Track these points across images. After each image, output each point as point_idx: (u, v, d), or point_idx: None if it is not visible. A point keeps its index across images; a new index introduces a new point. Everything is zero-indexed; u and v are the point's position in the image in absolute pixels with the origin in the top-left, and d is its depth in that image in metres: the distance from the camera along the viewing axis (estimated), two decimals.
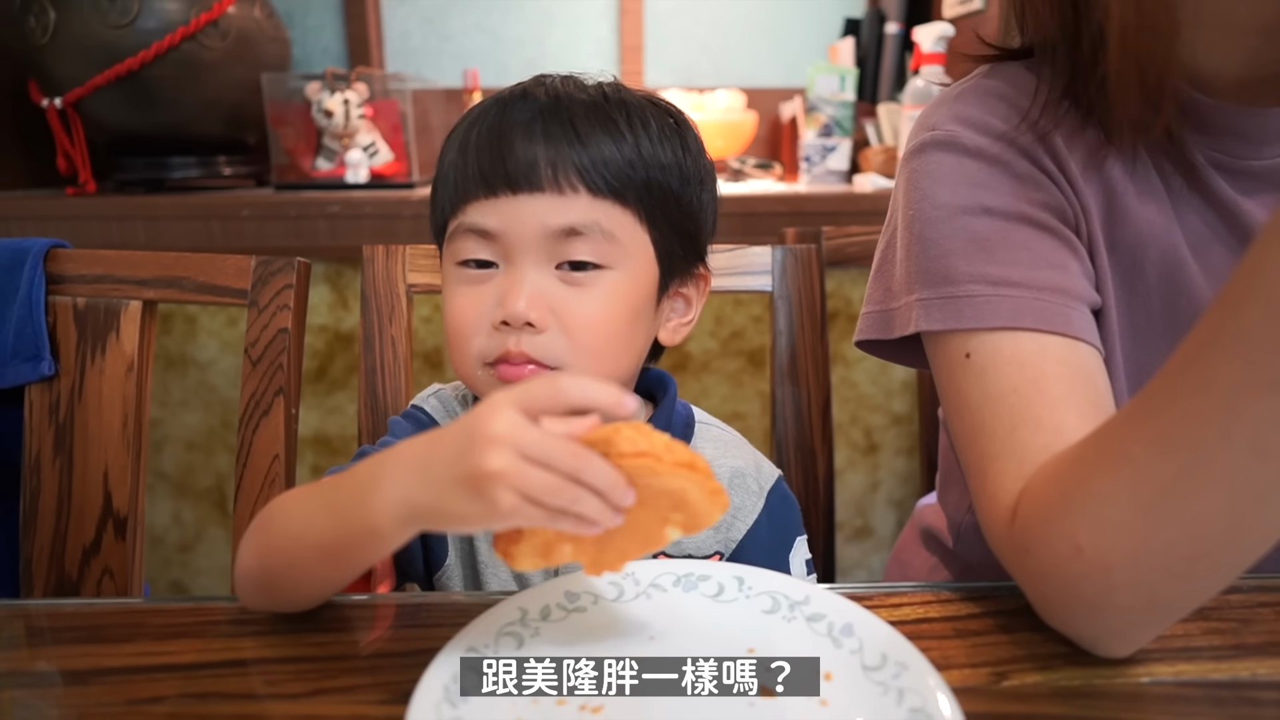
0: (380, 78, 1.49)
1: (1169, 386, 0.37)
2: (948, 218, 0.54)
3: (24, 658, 0.47)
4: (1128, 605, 0.41)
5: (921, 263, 0.55)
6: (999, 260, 0.52)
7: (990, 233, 0.53)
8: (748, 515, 0.59)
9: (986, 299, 0.51)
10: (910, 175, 0.58)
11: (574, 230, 0.51)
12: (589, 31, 1.71)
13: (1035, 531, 0.44)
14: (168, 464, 1.45)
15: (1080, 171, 0.55)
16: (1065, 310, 0.51)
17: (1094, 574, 0.41)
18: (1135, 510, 0.39)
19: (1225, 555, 0.38)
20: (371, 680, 0.43)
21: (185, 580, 1.51)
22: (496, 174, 0.51)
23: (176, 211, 1.29)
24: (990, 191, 0.54)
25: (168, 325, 1.38)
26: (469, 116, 0.55)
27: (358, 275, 1.31)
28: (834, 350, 1.38)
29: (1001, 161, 0.54)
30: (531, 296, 0.51)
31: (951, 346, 0.53)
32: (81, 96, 1.29)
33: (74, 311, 0.79)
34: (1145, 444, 0.38)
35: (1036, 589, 0.46)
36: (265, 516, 0.47)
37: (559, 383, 0.37)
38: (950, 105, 0.58)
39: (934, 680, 0.39)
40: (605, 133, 0.51)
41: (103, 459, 0.79)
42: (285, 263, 0.78)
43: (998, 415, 0.49)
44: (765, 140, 1.72)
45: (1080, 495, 0.41)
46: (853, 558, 1.52)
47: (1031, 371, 0.49)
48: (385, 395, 0.80)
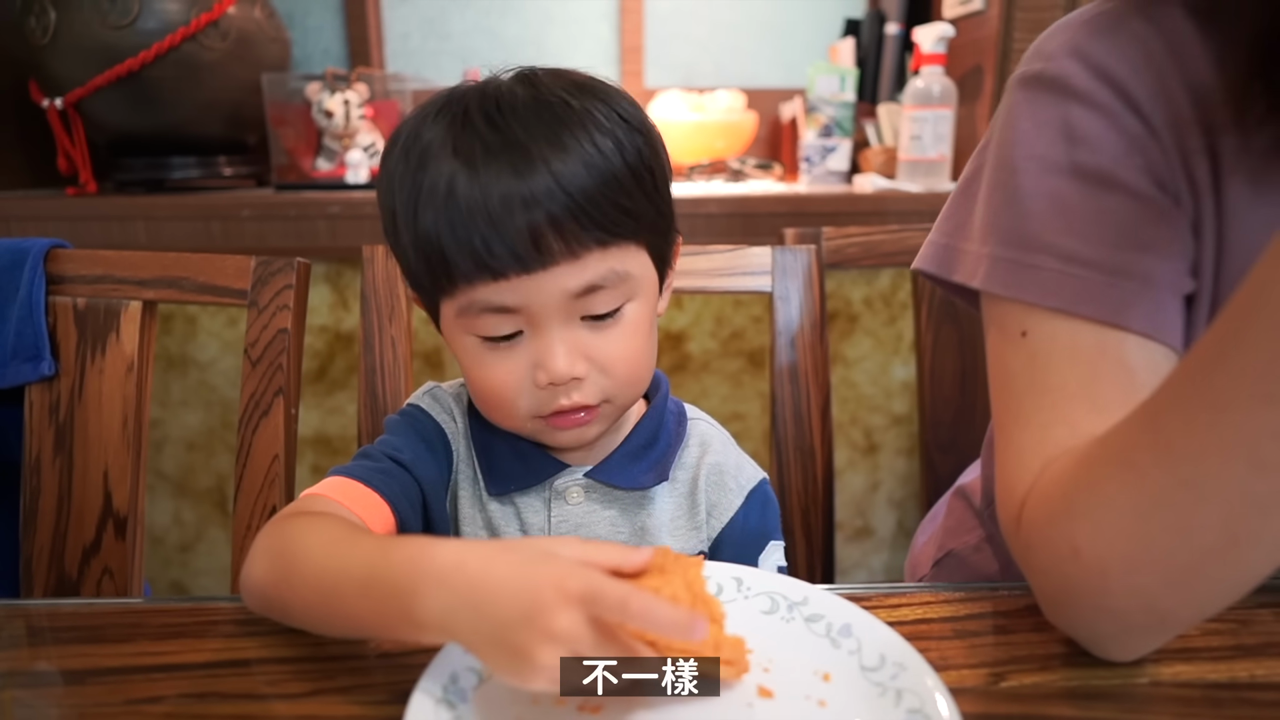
0: (380, 78, 1.49)
1: (1173, 395, 0.37)
2: (1036, 172, 0.49)
3: (24, 657, 0.47)
4: (1124, 610, 0.41)
5: (1000, 215, 0.51)
6: (1078, 232, 0.47)
7: (1077, 198, 0.48)
8: (724, 512, 0.60)
9: (1054, 274, 0.47)
10: (1011, 108, 0.52)
11: (594, 287, 0.49)
12: (589, 31, 1.71)
13: (1038, 530, 0.44)
14: (168, 464, 1.45)
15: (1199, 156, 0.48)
16: (1140, 301, 0.46)
17: (1091, 577, 0.41)
18: (1134, 516, 0.39)
19: (1223, 569, 0.38)
20: (370, 680, 0.43)
21: (185, 580, 1.51)
22: (505, 262, 0.47)
23: (177, 212, 1.29)
24: (1089, 149, 0.48)
25: (168, 325, 1.38)
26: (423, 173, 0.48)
27: (358, 275, 1.31)
28: (834, 351, 1.38)
29: (1110, 112, 0.48)
30: (568, 355, 0.50)
31: (1010, 317, 0.50)
32: (82, 97, 1.29)
33: (74, 312, 0.79)
34: (1147, 451, 0.38)
35: (1038, 585, 0.46)
36: (282, 540, 0.45)
37: (631, 606, 0.35)
38: (1075, 32, 0.50)
39: (932, 681, 0.39)
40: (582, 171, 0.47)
41: (103, 459, 0.79)
42: (285, 263, 0.78)
43: (1038, 409, 0.47)
44: (765, 141, 1.72)
45: (1082, 498, 0.41)
46: (852, 558, 1.52)
47: (1085, 369, 0.46)
48: (385, 395, 0.80)
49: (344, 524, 0.47)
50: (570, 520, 0.58)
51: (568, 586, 0.35)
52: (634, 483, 0.57)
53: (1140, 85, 0.48)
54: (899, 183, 1.34)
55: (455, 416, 0.60)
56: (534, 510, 0.58)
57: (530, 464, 0.58)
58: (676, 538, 0.59)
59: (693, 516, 0.59)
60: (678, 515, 0.59)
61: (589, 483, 0.58)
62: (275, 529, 0.47)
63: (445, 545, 0.38)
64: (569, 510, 0.58)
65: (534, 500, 0.58)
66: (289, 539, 0.45)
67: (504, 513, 0.58)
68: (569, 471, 0.58)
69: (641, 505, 0.58)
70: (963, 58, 1.38)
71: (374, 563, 0.40)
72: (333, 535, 0.45)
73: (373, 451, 0.56)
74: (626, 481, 0.57)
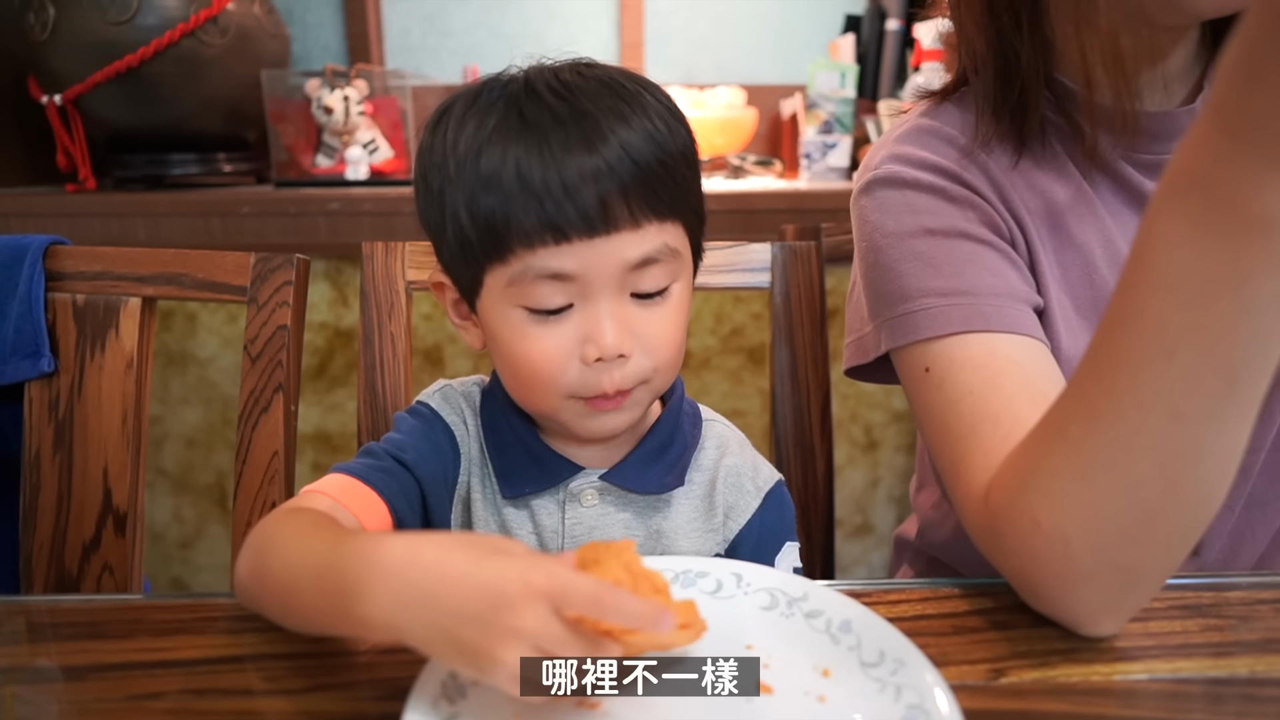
0: (380, 74, 1.49)
1: (1090, 364, 0.41)
2: (895, 243, 0.60)
3: (24, 653, 0.47)
4: (1091, 572, 0.43)
5: (879, 287, 0.60)
6: (945, 274, 0.57)
7: (934, 251, 0.58)
8: (741, 514, 0.59)
9: (940, 309, 0.56)
10: (861, 212, 0.63)
11: (649, 259, 0.50)
12: (589, 27, 1.71)
13: (1001, 513, 0.47)
14: (168, 461, 1.45)
15: (1015, 190, 0.60)
16: (1010, 311, 0.56)
17: (1054, 545, 0.43)
18: (1080, 482, 0.42)
19: (1172, 516, 0.41)
20: (370, 676, 0.43)
21: (186, 577, 1.51)
22: (572, 222, 0.47)
23: (176, 208, 1.29)
24: (930, 215, 0.59)
25: (168, 322, 1.38)
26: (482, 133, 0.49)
27: (357, 272, 1.31)
28: (833, 347, 1.38)
29: (937, 189, 0.60)
30: (617, 329, 0.50)
31: (913, 361, 0.58)
32: (81, 93, 1.29)
33: (73, 308, 0.79)
34: (1077, 421, 0.42)
35: (1011, 569, 0.48)
36: (262, 537, 0.45)
37: (604, 600, 0.35)
38: (890, 146, 0.64)
39: (932, 677, 0.39)
40: (645, 143, 0.48)
41: (102, 455, 0.79)
42: (284, 259, 0.78)
43: (960, 417, 0.53)
44: (765, 137, 1.72)
45: (1032, 473, 0.45)
46: (852, 554, 1.52)
47: (984, 372, 0.53)
48: (385, 392, 0.80)
49: (316, 518, 0.46)
50: (584, 523, 0.57)
51: (533, 581, 0.35)
52: (649, 487, 0.57)
53: (952, 163, 0.60)
54: None
55: (466, 418, 0.59)
56: (548, 513, 0.57)
57: (545, 466, 0.57)
58: (692, 540, 0.58)
59: (709, 519, 0.59)
60: (694, 518, 0.58)
61: (604, 485, 0.57)
62: (261, 526, 0.46)
63: (398, 539, 0.38)
64: (583, 513, 0.57)
65: (548, 503, 0.57)
66: (266, 535, 0.45)
67: (518, 516, 0.57)
68: (584, 474, 0.57)
69: (657, 508, 0.58)
70: None
71: (326, 556, 0.40)
72: (300, 529, 0.44)
73: (376, 449, 0.56)
74: (641, 485, 0.57)
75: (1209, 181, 0.34)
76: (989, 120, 0.60)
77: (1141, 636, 0.46)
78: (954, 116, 0.63)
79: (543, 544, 0.57)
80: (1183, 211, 0.35)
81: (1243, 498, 0.62)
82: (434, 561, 0.36)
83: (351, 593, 0.37)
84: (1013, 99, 0.59)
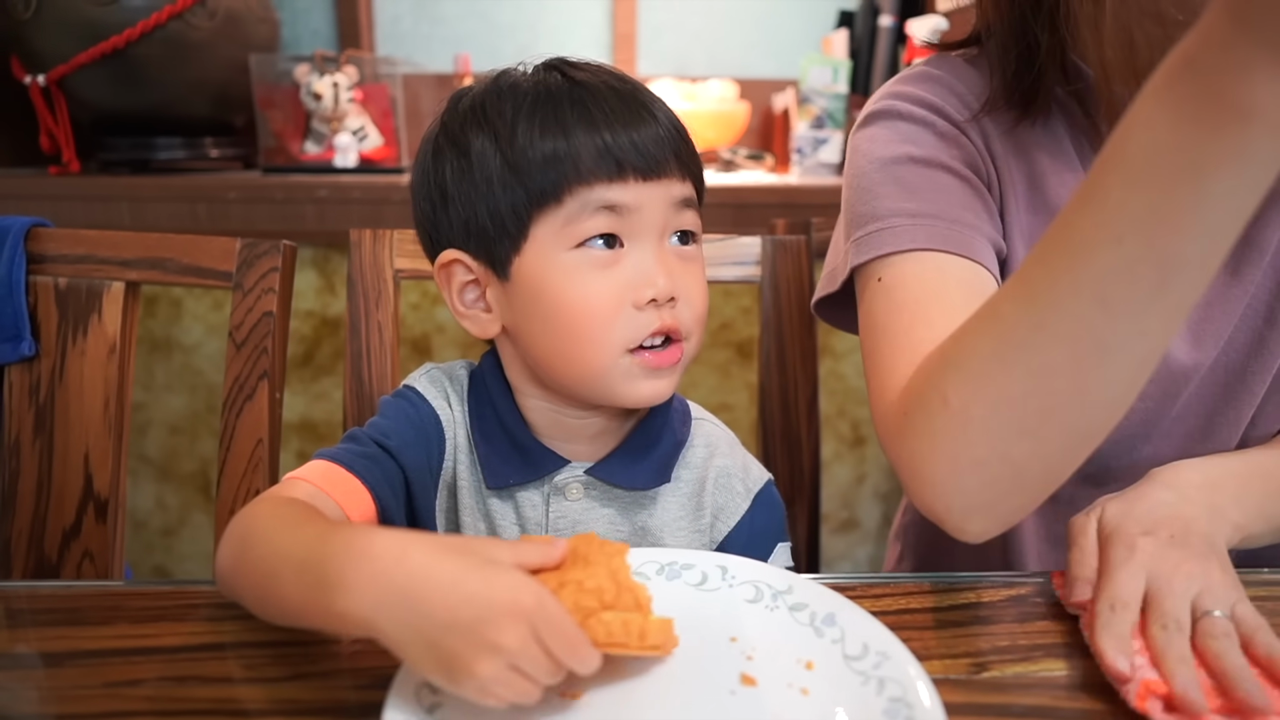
0: (370, 61, 1.48)
1: (1041, 247, 0.41)
2: (879, 168, 0.62)
3: (2, 640, 0.46)
4: (982, 460, 0.44)
5: (856, 209, 0.62)
6: (917, 198, 0.59)
7: (913, 177, 0.60)
8: (731, 516, 0.59)
9: (905, 228, 0.58)
10: (854, 143, 0.66)
11: (689, 200, 0.54)
12: (582, 18, 1.70)
13: (914, 393, 0.49)
14: (151, 448, 1.44)
15: (1001, 145, 0.62)
16: (971, 239, 0.57)
17: (955, 424, 0.44)
18: (995, 360, 0.43)
19: (1070, 413, 0.42)
20: (351, 665, 0.43)
21: (168, 565, 1.50)
22: (629, 160, 0.51)
23: (161, 193, 1.28)
24: (915, 145, 0.61)
25: (153, 308, 1.37)
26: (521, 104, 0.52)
27: (345, 260, 1.30)
28: (822, 342, 1.38)
29: (927, 122, 0.62)
30: (671, 270, 0.52)
31: (870, 274, 0.59)
32: (65, 74, 1.27)
33: (55, 292, 0.78)
34: (1010, 300, 0.43)
35: (906, 454, 0.48)
36: (243, 525, 0.45)
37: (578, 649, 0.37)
38: (891, 86, 0.66)
39: (914, 670, 0.39)
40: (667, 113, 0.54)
41: (84, 441, 0.78)
42: (271, 245, 0.77)
43: (898, 321, 0.55)
44: (757, 131, 1.72)
45: (954, 351, 0.46)
46: (838, 549, 1.53)
47: (932, 285, 0.56)
48: (371, 381, 0.80)
49: (301, 509, 0.45)
50: (569, 516, 0.57)
51: (521, 602, 0.35)
52: (634, 482, 0.56)
53: (946, 104, 0.63)
54: None
55: (453, 403, 0.59)
56: (532, 505, 0.57)
57: (531, 458, 0.57)
58: (678, 539, 0.58)
59: (696, 519, 0.58)
60: (680, 516, 0.58)
61: (589, 480, 0.57)
62: (243, 514, 0.46)
63: (386, 535, 0.38)
64: (567, 506, 0.57)
65: (533, 495, 0.57)
66: (248, 524, 0.45)
67: (502, 506, 0.57)
68: (570, 468, 0.57)
69: (642, 505, 0.58)
70: None
71: (311, 548, 0.39)
72: (284, 519, 0.44)
73: (360, 435, 0.55)
74: (626, 481, 0.56)
75: (1201, 68, 0.34)
76: (998, 90, 0.62)
77: None
78: (962, 71, 0.65)
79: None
80: (1170, 98, 0.35)
81: None
82: (422, 564, 0.36)
83: (333, 586, 0.37)
84: (1027, 79, 0.60)
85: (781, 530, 0.62)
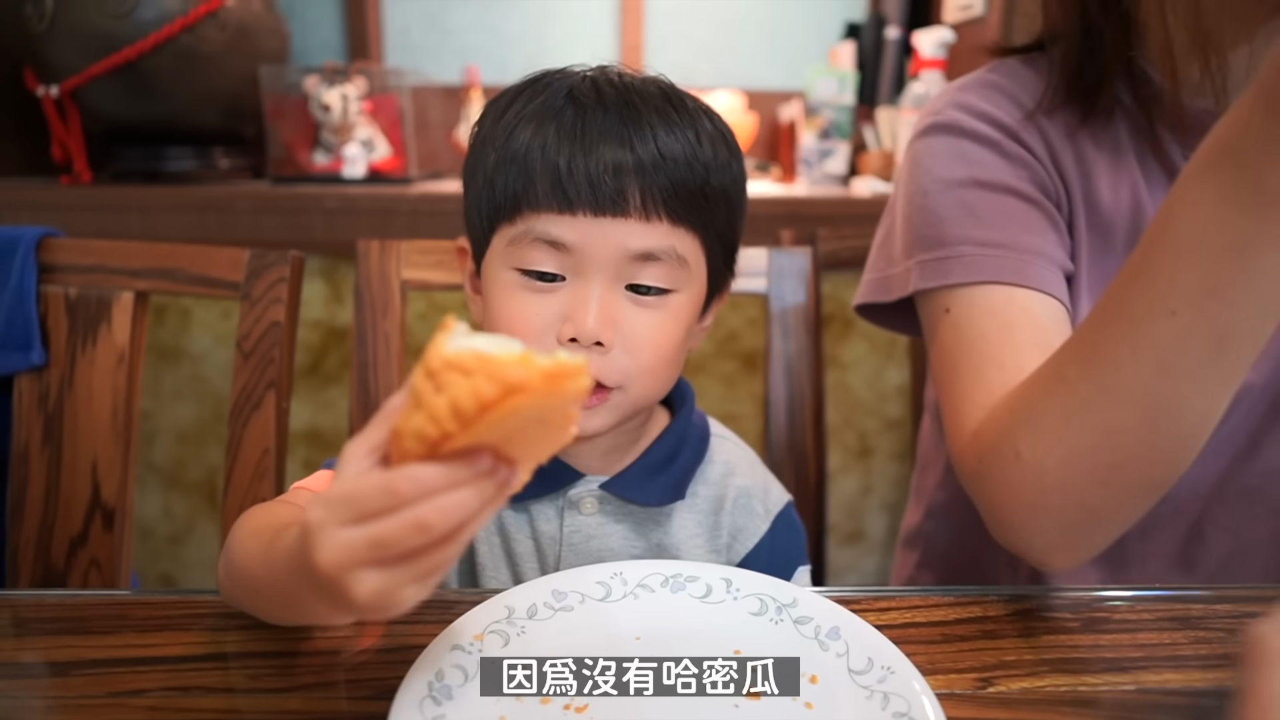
0: (379, 72, 1.49)
1: (1097, 314, 0.44)
2: (944, 190, 0.61)
3: (8, 648, 0.47)
4: (1059, 507, 0.46)
5: (920, 230, 0.61)
6: (987, 225, 0.58)
7: (980, 202, 0.60)
8: (749, 537, 0.58)
9: (973, 257, 0.58)
10: (914, 155, 0.65)
11: (651, 255, 0.49)
12: (589, 29, 1.71)
13: (987, 442, 0.50)
14: (159, 456, 1.44)
15: (1064, 155, 0.61)
16: (1039, 269, 0.57)
17: (1030, 476, 0.47)
18: (1065, 421, 0.45)
19: (1142, 465, 0.44)
20: (355, 677, 0.43)
21: (175, 573, 1.50)
22: (582, 194, 0.48)
23: (172, 203, 1.28)
24: (983, 167, 0.61)
25: (162, 317, 1.38)
26: (533, 104, 0.50)
27: (352, 270, 1.31)
28: (828, 353, 1.38)
29: (993, 142, 0.61)
30: (602, 315, 0.49)
31: (936, 303, 0.60)
32: (78, 85, 1.28)
33: (65, 301, 0.79)
34: (1075, 364, 0.45)
35: (986, 498, 0.51)
36: (234, 536, 0.45)
37: (396, 487, 0.30)
38: (953, 94, 0.65)
39: (919, 685, 0.39)
40: (682, 150, 0.49)
41: (92, 450, 0.78)
42: (279, 256, 0.78)
43: (969, 358, 0.56)
44: (764, 142, 1.72)
45: (1023, 409, 0.48)
46: (844, 561, 1.52)
47: (1000, 320, 0.56)
48: (378, 391, 0.80)
49: (292, 508, 0.46)
50: (583, 531, 0.56)
51: (310, 519, 0.31)
52: (648, 498, 0.56)
53: (1011, 119, 0.61)
54: None
55: None
56: (546, 519, 0.57)
57: (545, 471, 0.55)
58: (694, 557, 0.57)
59: (714, 538, 0.58)
60: (696, 534, 0.58)
61: (603, 494, 0.56)
62: (234, 527, 0.46)
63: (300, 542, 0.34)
64: (582, 520, 0.56)
65: (547, 509, 0.57)
66: (235, 536, 0.45)
67: (517, 520, 0.57)
68: (584, 481, 0.56)
69: (658, 522, 0.57)
70: (962, 63, 1.38)
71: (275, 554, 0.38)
72: (278, 517, 0.44)
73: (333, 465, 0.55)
74: (641, 497, 0.56)
75: (1240, 154, 0.36)
76: (1061, 90, 0.60)
77: (1130, 648, 0.46)
78: (1022, 75, 0.64)
79: (540, 550, 0.57)
80: (1211, 181, 0.37)
81: None
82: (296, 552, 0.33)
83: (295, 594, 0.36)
84: (1089, 77, 0.59)
85: (802, 553, 0.61)
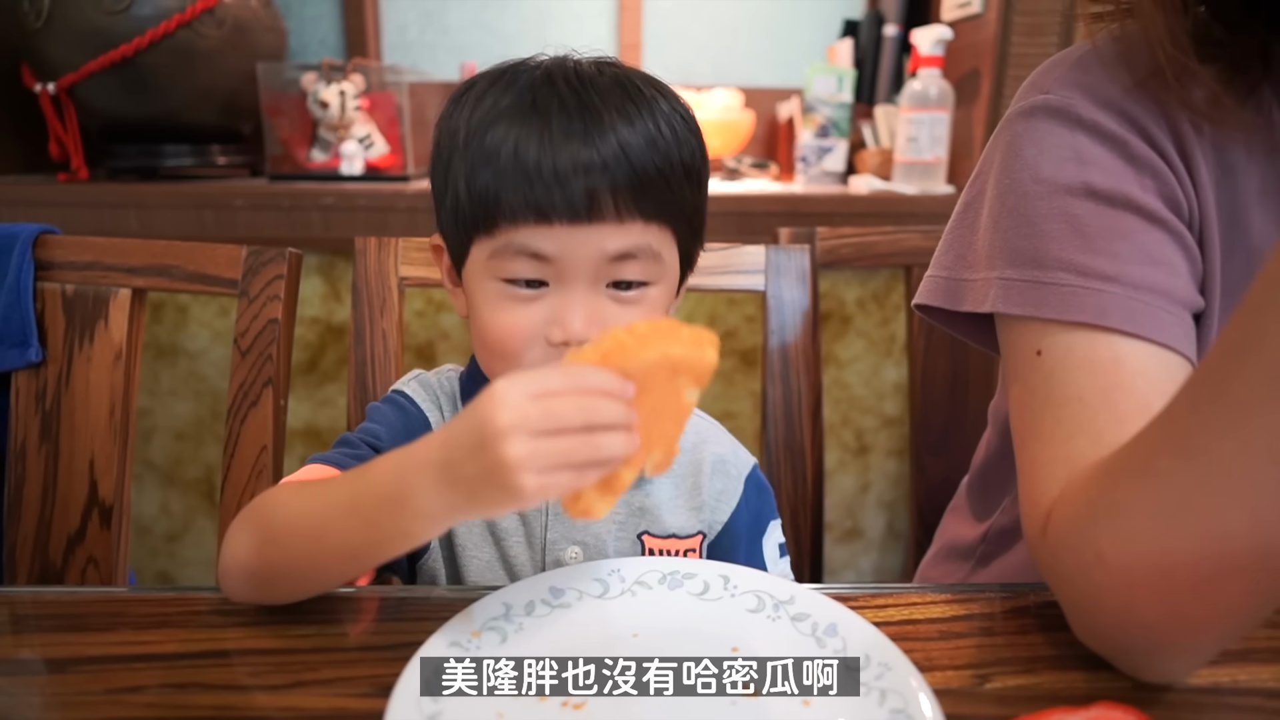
0: (377, 70, 1.48)
1: (1192, 395, 0.36)
2: (1048, 194, 0.50)
3: (5, 645, 0.47)
4: (1152, 621, 0.39)
5: (1010, 238, 0.51)
6: (1096, 249, 0.48)
7: (1092, 217, 0.48)
8: (730, 500, 0.61)
9: (1074, 290, 0.47)
10: (1013, 139, 0.53)
11: (629, 254, 0.51)
12: (587, 27, 1.70)
13: (1063, 537, 0.43)
14: (156, 454, 1.44)
15: (1206, 168, 0.49)
16: (1158, 313, 0.47)
17: (1116, 584, 0.39)
18: (1158, 521, 0.37)
19: (1254, 575, 0.36)
20: (353, 673, 0.43)
21: (172, 570, 1.50)
22: (557, 206, 0.48)
23: (169, 200, 1.28)
24: (1100, 171, 0.49)
25: (159, 314, 1.37)
26: (494, 111, 0.50)
27: (350, 267, 1.30)
28: (826, 351, 1.38)
29: (1118, 140, 0.49)
30: (587, 316, 0.50)
31: (1026, 337, 0.50)
32: (75, 82, 1.28)
33: (63, 298, 0.79)
34: (1168, 456, 0.37)
35: (1064, 594, 0.44)
36: (260, 511, 0.47)
37: (573, 371, 0.38)
38: (1069, 68, 0.52)
39: (916, 681, 0.39)
40: (647, 143, 0.50)
41: (89, 447, 0.78)
42: (276, 253, 0.78)
43: (1059, 421, 0.47)
44: (762, 140, 1.72)
45: (1104, 504, 0.40)
46: (841, 559, 1.52)
47: (1102, 380, 0.46)
48: (375, 388, 0.80)
49: (303, 481, 0.48)
50: None
51: (499, 387, 0.37)
52: None
53: (1141, 110, 0.49)
54: (894, 184, 1.34)
55: (443, 406, 0.60)
56: None
57: None
58: (676, 516, 0.60)
59: (693, 498, 0.61)
60: (675, 496, 0.61)
61: None
62: (247, 510, 0.48)
63: (422, 440, 0.40)
64: None
65: None
66: (265, 507, 0.47)
67: None
68: None
69: (638, 485, 0.60)
70: (960, 61, 1.38)
71: (355, 484, 0.43)
72: (307, 485, 0.46)
73: (352, 439, 0.56)
74: None
75: None
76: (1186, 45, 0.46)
77: None
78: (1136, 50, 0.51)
79: (526, 523, 0.59)
80: None
81: None
82: (439, 436, 0.39)
83: (397, 502, 0.39)
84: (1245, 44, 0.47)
85: (772, 509, 0.64)
